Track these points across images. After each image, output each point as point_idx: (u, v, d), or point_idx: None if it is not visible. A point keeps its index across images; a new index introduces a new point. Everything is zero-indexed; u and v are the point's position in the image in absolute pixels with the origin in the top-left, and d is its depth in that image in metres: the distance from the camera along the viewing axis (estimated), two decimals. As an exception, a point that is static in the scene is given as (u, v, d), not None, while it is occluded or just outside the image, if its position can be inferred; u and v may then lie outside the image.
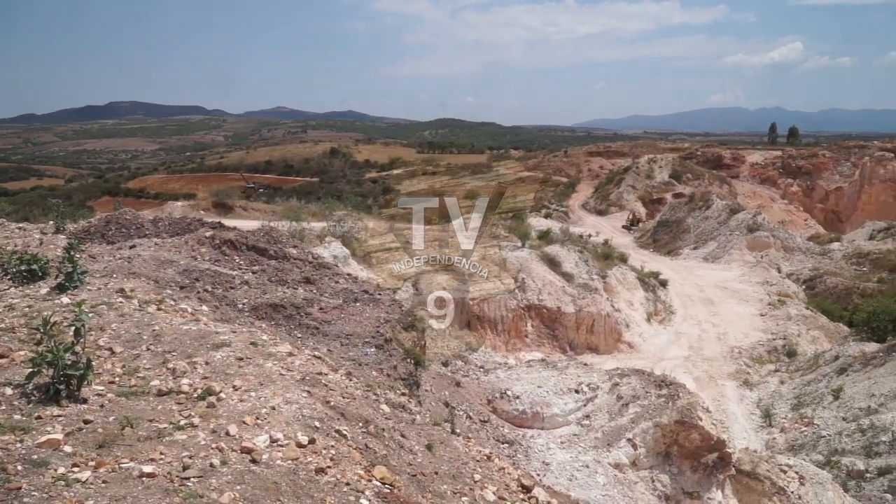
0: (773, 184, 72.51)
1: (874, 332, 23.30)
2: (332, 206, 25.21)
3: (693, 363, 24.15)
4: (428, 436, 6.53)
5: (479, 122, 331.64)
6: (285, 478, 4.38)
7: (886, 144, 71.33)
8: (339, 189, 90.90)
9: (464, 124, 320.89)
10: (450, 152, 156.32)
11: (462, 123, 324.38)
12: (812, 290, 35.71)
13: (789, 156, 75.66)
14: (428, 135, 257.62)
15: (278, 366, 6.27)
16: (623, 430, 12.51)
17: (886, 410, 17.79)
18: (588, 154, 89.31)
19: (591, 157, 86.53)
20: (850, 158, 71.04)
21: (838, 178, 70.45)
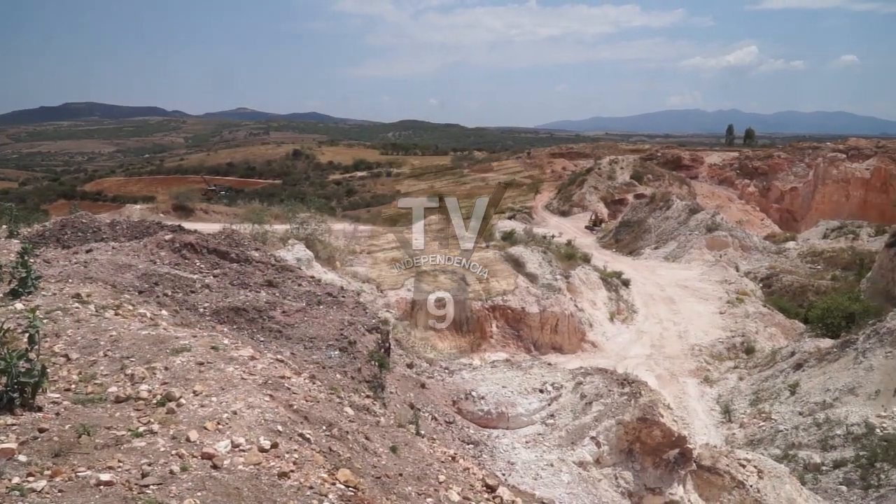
0: (731, 184, 74.10)
1: (828, 328, 23.93)
2: (295, 208, 24.99)
3: (655, 361, 24.53)
4: (392, 438, 6.51)
5: (442, 124, 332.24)
6: (247, 483, 4.33)
7: (839, 146, 73.40)
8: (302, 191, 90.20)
9: (427, 126, 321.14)
10: (414, 154, 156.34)
11: (425, 125, 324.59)
12: (769, 288, 36.58)
13: (746, 157, 77.40)
14: (392, 136, 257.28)
15: (240, 370, 6.19)
16: (587, 428, 12.65)
17: (841, 405, 18.29)
18: (551, 155, 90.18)
19: (554, 159, 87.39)
20: (805, 159, 72.96)
21: (793, 179, 72.27)
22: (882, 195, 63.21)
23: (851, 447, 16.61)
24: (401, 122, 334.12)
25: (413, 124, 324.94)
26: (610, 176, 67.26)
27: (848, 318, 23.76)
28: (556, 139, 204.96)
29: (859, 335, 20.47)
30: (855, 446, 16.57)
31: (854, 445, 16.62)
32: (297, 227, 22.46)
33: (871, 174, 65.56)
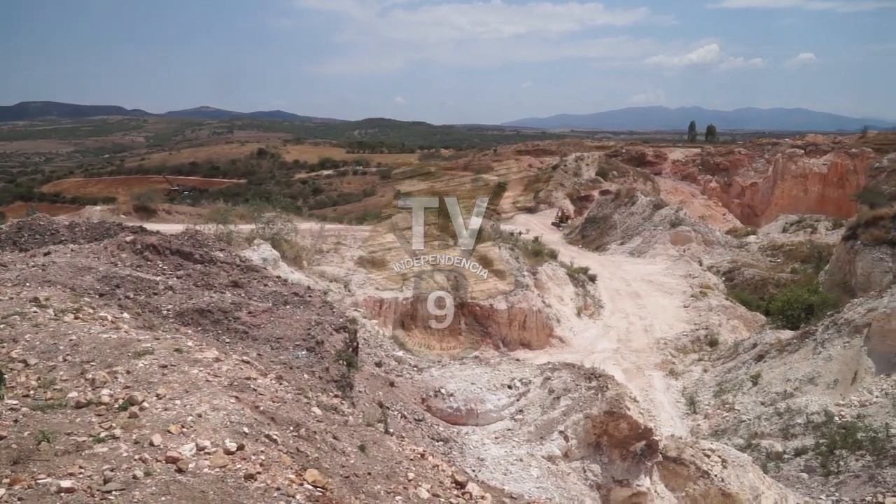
0: (694, 180, 75.29)
1: (788, 319, 24.45)
2: (260, 207, 24.66)
3: (622, 355, 24.82)
4: (361, 437, 6.50)
5: (409, 122, 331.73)
6: (213, 486, 4.28)
7: (797, 142, 75.03)
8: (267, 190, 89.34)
9: (394, 124, 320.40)
10: (380, 152, 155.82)
11: (392, 123, 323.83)
12: (731, 281, 37.26)
13: (708, 153, 78.72)
14: (358, 134, 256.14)
15: (204, 372, 6.12)
16: (555, 422, 12.76)
17: (801, 394, 18.72)
18: (517, 153, 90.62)
19: (521, 156, 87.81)
20: (764, 155, 74.42)
21: (753, 175, 73.70)
22: (839, 190, 64.75)
23: (811, 435, 17.01)
24: (367, 121, 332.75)
25: (379, 122, 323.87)
26: (576, 173, 67.87)
27: (807, 309, 24.30)
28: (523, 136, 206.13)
29: (818, 326, 20.96)
30: (815, 434, 16.97)
31: (814, 433, 17.02)
32: (262, 227, 22.19)
33: (828, 169, 67.13)
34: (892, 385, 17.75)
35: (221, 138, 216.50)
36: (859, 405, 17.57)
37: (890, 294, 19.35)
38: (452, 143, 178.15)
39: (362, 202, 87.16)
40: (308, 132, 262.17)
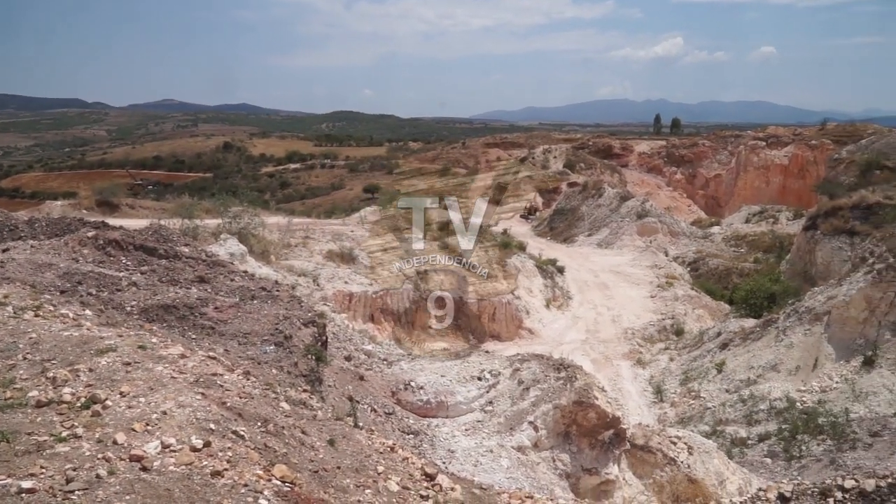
0: (659, 172, 76.25)
1: (751, 308, 24.92)
2: (227, 201, 24.33)
3: (590, 346, 25.07)
4: (330, 431, 6.47)
5: (377, 115, 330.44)
6: (178, 484, 4.23)
7: (759, 134, 76.27)
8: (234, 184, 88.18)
9: (362, 117, 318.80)
10: (349, 145, 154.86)
11: (360, 116, 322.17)
12: (696, 271, 37.85)
13: (673, 145, 79.76)
14: (325, 127, 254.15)
15: (169, 369, 6.03)
16: (525, 413, 12.85)
17: (764, 381, 19.11)
18: (486, 145, 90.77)
19: (489, 149, 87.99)
20: (727, 147, 75.62)
21: (717, 166, 74.87)
22: (800, 181, 66.01)
23: (774, 421, 17.39)
24: (334, 113, 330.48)
25: (347, 115, 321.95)
26: (544, 165, 68.21)
27: (769, 298, 24.79)
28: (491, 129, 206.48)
29: (780, 314, 21.40)
30: (778, 420, 17.35)
31: (777, 419, 17.40)
32: (229, 222, 21.92)
33: (789, 161, 68.38)
34: (852, 371, 18.22)
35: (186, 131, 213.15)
36: (820, 391, 18.01)
37: (849, 282, 19.82)
38: (421, 136, 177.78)
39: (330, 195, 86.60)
40: (275, 125, 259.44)
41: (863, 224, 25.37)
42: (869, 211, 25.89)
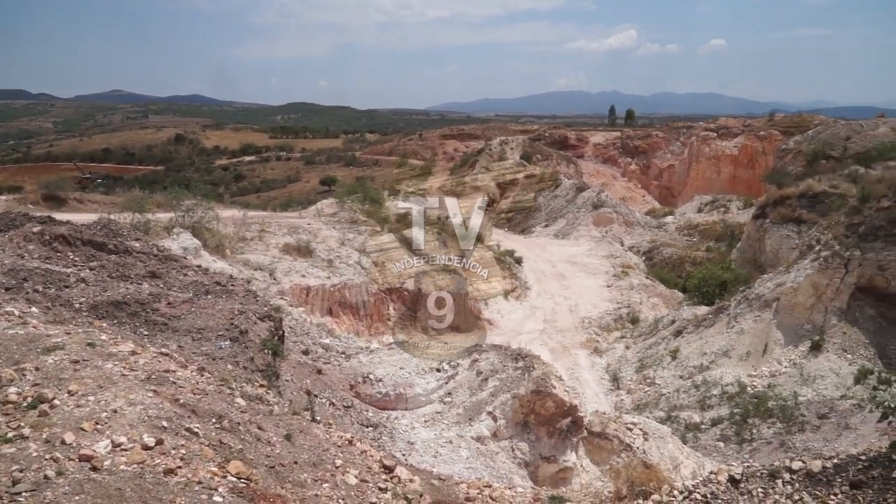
0: (614, 163, 77.31)
1: (704, 296, 25.48)
2: (179, 195, 23.79)
3: (548, 335, 25.33)
4: (287, 426, 6.40)
5: (333, 106, 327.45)
6: (130, 483, 4.13)
7: (710, 125, 77.85)
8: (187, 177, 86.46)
9: (317, 108, 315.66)
10: (304, 137, 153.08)
11: (316, 107, 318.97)
12: (650, 260, 38.54)
13: (627, 136, 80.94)
14: (280, 119, 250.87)
15: (120, 366, 5.88)
16: (483, 403, 12.93)
17: (716, 367, 19.58)
18: (442, 137, 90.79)
19: (446, 140, 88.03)
20: (680, 138, 77.08)
21: (670, 157, 76.26)
22: (749, 171, 67.61)
23: (726, 406, 17.83)
24: (290, 105, 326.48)
25: (302, 107, 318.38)
26: (500, 157, 68.43)
27: (721, 286, 25.37)
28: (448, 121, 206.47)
29: (731, 302, 21.93)
30: (729, 405, 17.80)
31: (729, 404, 17.85)
32: (182, 215, 21.46)
33: (739, 151, 69.97)
34: (800, 355, 18.79)
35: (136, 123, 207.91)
36: (770, 375, 18.53)
37: (796, 269, 20.40)
38: (377, 128, 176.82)
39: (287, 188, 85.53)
40: (228, 117, 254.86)
41: (809, 212, 26.11)
42: (815, 200, 26.64)
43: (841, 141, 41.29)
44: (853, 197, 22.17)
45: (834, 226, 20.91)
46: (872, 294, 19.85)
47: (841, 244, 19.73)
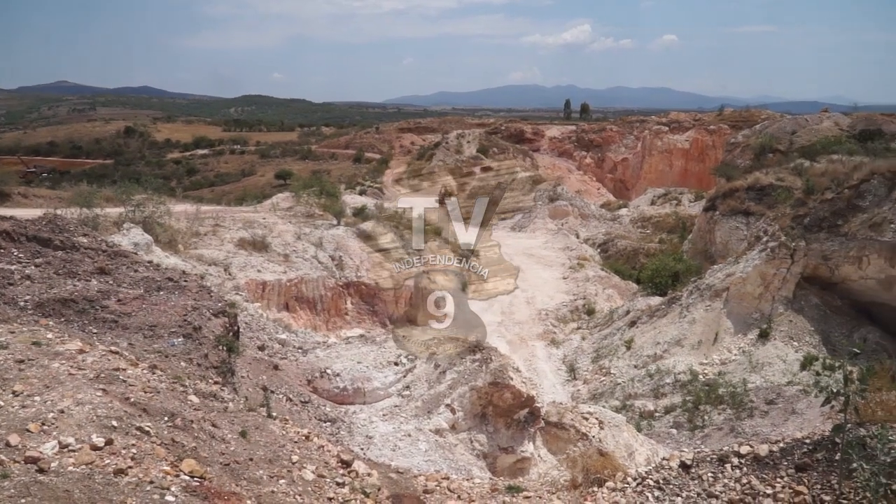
0: (570, 156, 78.08)
1: (657, 287, 25.97)
2: (129, 189, 23.24)
3: (506, 327, 25.51)
4: (242, 423, 6.32)
5: (288, 99, 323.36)
6: (78, 484, 4.03)
7: (662, 119, 79.23)
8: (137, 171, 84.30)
9: (272, 101, 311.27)
10: (259, 130, 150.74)
11: (270, 100, 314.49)
12: (606, 252, 39.10)
13: (582, 130, 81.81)
14: (234, 112, 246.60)
15: (67, 365, 5.73)
16: (442, 396, 12.98)
17: (669, 356, 20.00)
18: (399, 130, 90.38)
19: (403, 134, 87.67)
20: (633, 132, 78.23)
21: (624, 150, 77.34)
22: (700, 164, 69.03)
23: (679, 393, 18.24)
24: (244, 98, 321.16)
25: (257, 99, 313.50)
26: (457, 150, 68.42)
27: (673, 276, 25.90)
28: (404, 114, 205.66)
29: (683, 292, 22.40)
30: (682, 392, 18.21)
31: (681, 392, 18.25)
32: (132, 210, 20.98)
33: (690, 145, 71.38)
34: (749, 343, 19.31)
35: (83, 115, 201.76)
36: (720, 363, 19.01)
37: (745, 260, 20.94)
38: (333, 121, 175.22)
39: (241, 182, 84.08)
40: (180, 109, 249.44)
41: (757, 204, 26.76)
42: (762, 192, 27.32)
43: (787, 135, 42.47)
44: (798, 189, 22.84)
45: (780, 217, 21.52)
46: (817, 283, 20.51)
47: (787, 235, 20.32)
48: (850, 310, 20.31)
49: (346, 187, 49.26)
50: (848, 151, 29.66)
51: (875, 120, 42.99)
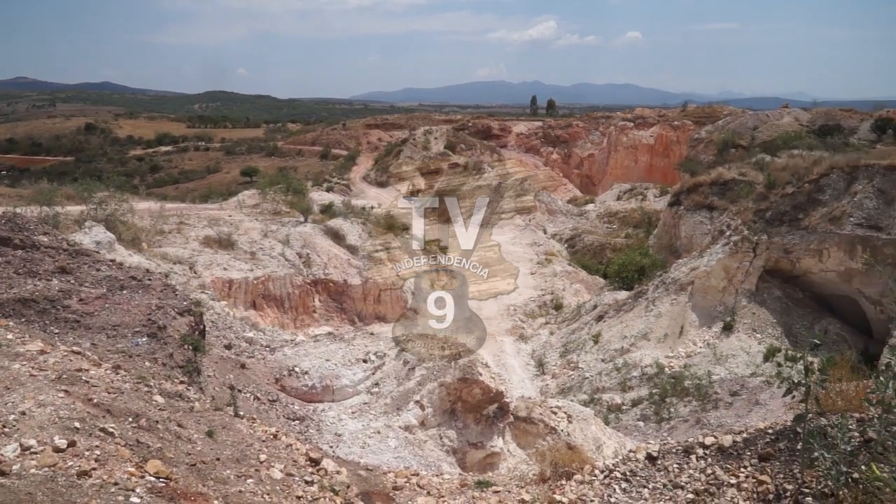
0: (537, 152, 78.46)
1: (624, 281, 26.31)
2: (91, 187, 22.82)
3: (474, 323, 25.59)
4: (209, 422, 6.25)
5: (253, 95, 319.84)
6: (41, 487, 3.96)
7: (627, 115, 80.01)
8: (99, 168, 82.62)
9: (237, 97, 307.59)
10: (224, 127, 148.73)
11: (235, 96, 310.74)
12: (573, 247, 39.48)
13: (549, 126, 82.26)
14: (198, 108, 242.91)
15: (28, 366, 5.61)
16: (411, 393, 12.99)
17: (636, 349, 20.28)
18: (366, 127, 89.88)
19: (370, 130, 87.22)
20: (599, 128, 78.89)
21: (590, 146, 77.97)
22: (665, 159, 69.88)
23: (646, 386, 18.51)
24: (207, 94, 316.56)
25: (221, 95, 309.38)
26: (425, 146, 68.37)
27: (640, 271, 26.26)
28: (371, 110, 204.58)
29: (649, 286, 22.73)
30: (649, 385, 18.48)
31: (648, 384, 18.53)
32: (94, 208, 20.62)
33: (654, 141, 72.22)
34: (713, 336, 19.67)
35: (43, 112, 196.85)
36: (686, 356, 19.33)
37: (709, 254, 21.31)
38: (299, 117, 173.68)
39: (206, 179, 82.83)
40: (142, 105, 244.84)
41: (720, 199, 27.25)
42: (725, 187, 27.82)
43: (749, 130, 43.27)
44: (760, 184, 23.29)
45: (743, 212, 21.93)
46: (779, 276, 20.96)
47: (749, 229, 20.72)
48: (811, 302, 20.80)
49: (313, 184, 48.92)
50: (808, 146, 30.33)
51: (834, 115, 44.01)
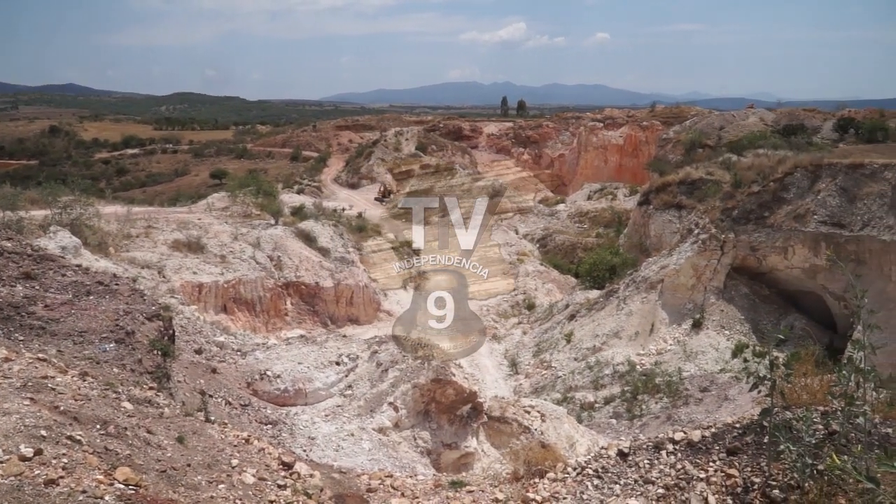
0: (508, 152, 78.88)
1: (595, 280, 26.56)
2: (55, 190, 22.39)
3: (447, 324, 25.61)
4: (179, 428, 6.17)
5: (222, 97, 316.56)
6: (7, 497, 3.87)
7: (597, 116, 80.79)
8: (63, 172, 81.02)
9: (205, 98, 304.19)
10: (192, 129, 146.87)
11: (203, 98, 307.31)
12: (545, 247, 39.74)
13: (520, 127, 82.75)
14: (165, 110, 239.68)
15: (-9, 374, 5.49)
16: (384, 395, 12.95)
17: (608, 347, 20.47)
18: (337, 128, 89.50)
19: (341, 131, 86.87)
20: (569, 128, 79.54)
21: (560, 147, 78.60)
22: (634, 159, 70.71)
23: (618, 384, 18.71)
24: (175, 95, 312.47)
25: (189, 97, 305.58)
26: (396, 147, 68.27)
27: (610, 270, 26.53)
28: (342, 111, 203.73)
29: (620, 285, 22.96)
30: (621, 383, 18.68)
31: (620, 382, 18.73)
32: (59, 212, 20.23)
33: (624, 141, 73.04)
34: (683, 333, 19.94)
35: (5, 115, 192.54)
36: (656, 353, 19.58)
37: (678, 252, 21.59)
38: (269, 119, 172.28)
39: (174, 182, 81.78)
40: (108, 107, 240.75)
41: (688, 198, 27.66)
42: (693, 186, 28.25)
43: (715, 130, 43.97)
44: (727, 183, 23.69)
45: (710, 210, 22.26)
46: (746, 273, 21.34)
47: (717, 227, 21.05)
48: (777, 298, 21.20)
49: (284, 186, 48.56)
50: (773, 146, 30.92)
51: (798, 115, 44.91)
